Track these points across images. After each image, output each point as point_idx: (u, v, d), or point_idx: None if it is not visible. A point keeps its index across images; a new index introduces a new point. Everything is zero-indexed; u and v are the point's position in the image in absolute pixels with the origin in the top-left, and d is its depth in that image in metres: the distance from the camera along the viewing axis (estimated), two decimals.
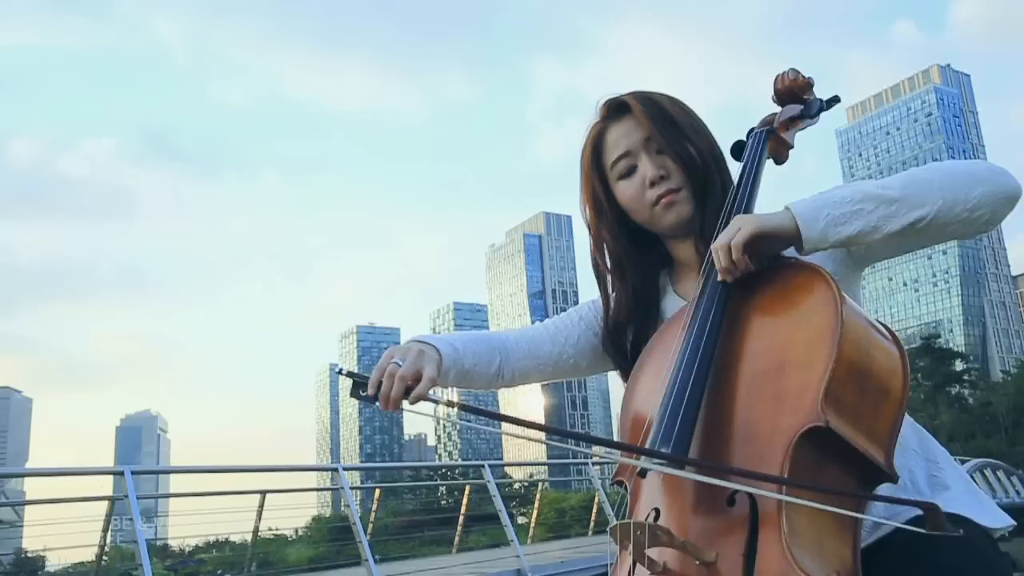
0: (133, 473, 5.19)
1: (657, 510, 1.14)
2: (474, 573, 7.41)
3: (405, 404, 1.20)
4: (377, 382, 1.20)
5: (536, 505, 13.51)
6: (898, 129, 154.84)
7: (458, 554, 9.11)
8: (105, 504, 7.24)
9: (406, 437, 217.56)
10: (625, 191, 1.40)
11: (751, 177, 1.37)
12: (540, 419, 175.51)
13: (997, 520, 1.21)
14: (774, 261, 1.23)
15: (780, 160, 1.48)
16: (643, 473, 1.16)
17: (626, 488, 1.23)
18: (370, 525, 9.17)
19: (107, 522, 7.50)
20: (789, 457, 1.01)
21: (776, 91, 1.50)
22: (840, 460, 1.04)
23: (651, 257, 1.45)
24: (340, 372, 1.26)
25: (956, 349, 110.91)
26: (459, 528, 10.62)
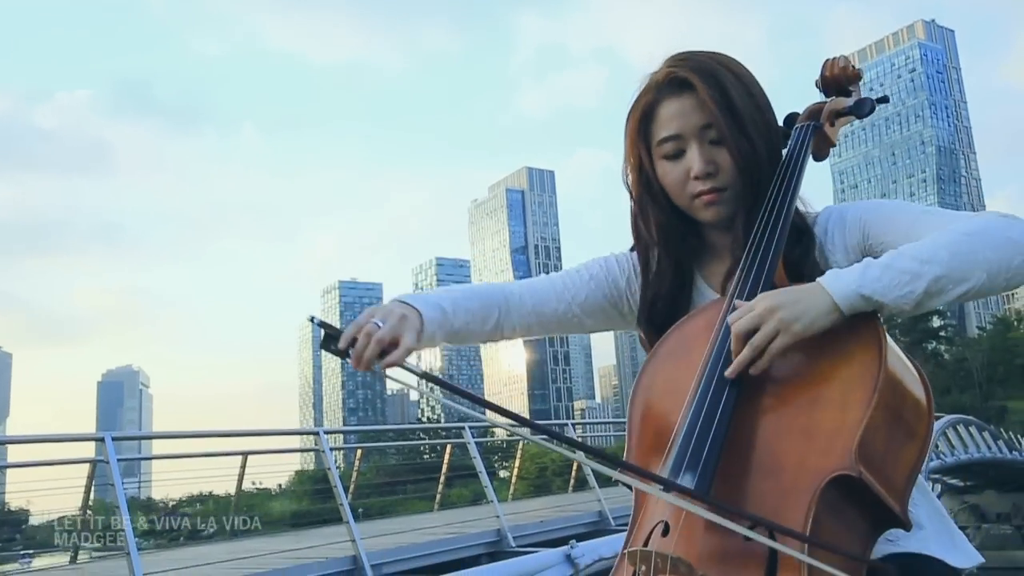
0: (114, 439, 5.19)
1: (666, 524, 1.09)
2: (454, 534, 7.50)
3: (376, 367, 1.14)
4: (351, 338, 1.14)
5: (517, 461, 13.67)
6: (881, 85, 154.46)
7: (439, 512, 9.23)
8: (86, 466, 7.27)
9: (389, 392, 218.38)
10: (668, 174, 1.29)
11: (794, 175, 1.29)
12: (522, 375, 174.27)
13: (967, 560, 1.20)
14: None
15: (820, 157, 1.41)
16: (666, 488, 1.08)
17: (630, 488, 1.17)
18: (352, 484, 9.26)
19: (89, 482, 7.52)
20: (815, 501, 0.99)
21: (823, 78, 1.42)
22: (859, 505, 1.03)
23: (688, 235, 1.36)
24: (313, 320, 1.20)
25: None
26: (440, 486, 10.74)
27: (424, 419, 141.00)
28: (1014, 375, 66.46)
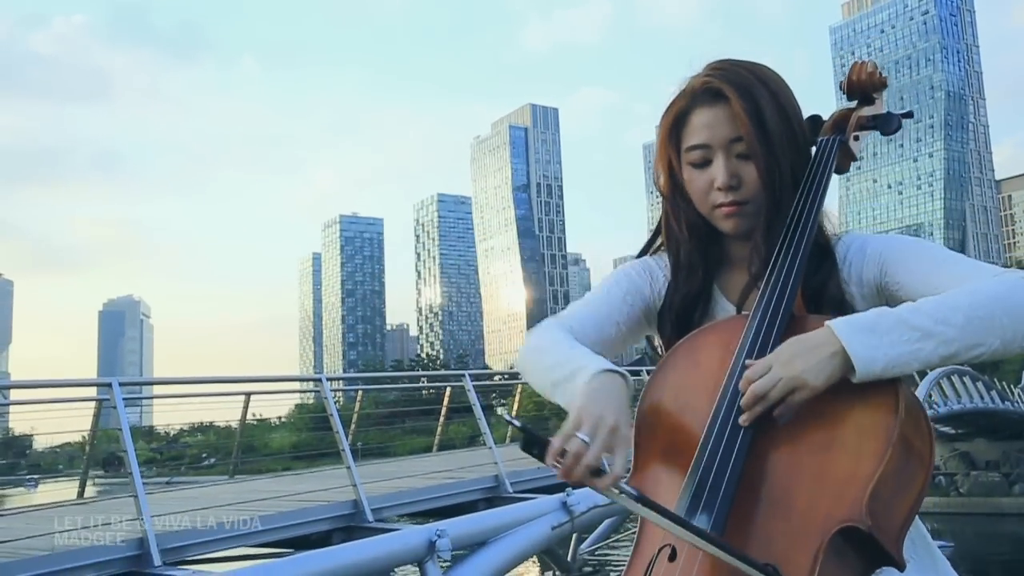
0: (121, 384, 5.27)
1: (673, 548, 1.11)
2: (453, 479, 7.64)
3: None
4: (558, 453, 1.04)
5: (516, 402, 13.84)
6: (893, 27, 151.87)
7: (438, 454, 9.40)
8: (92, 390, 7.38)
9: (388, 327, 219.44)
10: (692, 180, 1.31)
11: (819, 190, 1.29)
12: (521, 314, 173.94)
13: None
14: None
15: (843, 171, 1.39)
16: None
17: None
18: (352, 425, 9.41)
19: (95, 421, 7.66)
20: (824, 547, 1.02)
21: (849, 81, 1.40)
22: (860, 549, 1.05)
23: (711, 240, 1.37)
24: (512, 421, 1.12)
25: None
26: (439, 428, 10.90)
27: (423, 355, 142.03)
28: None
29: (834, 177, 1.42)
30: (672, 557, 1.10)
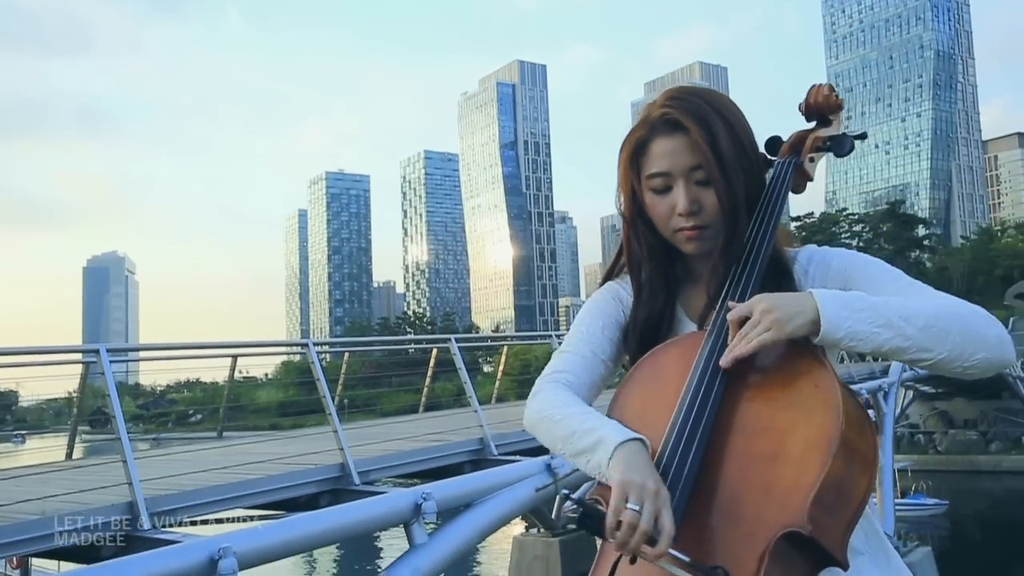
0: (109, 350, 5.29)
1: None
2: (439, 442, 7.73)
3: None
4: (614, 527, 1.12)
5: (502, 364, 13.96)
6: None
7: (424, 416, 9.48)
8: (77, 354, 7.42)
9: (375, 284, 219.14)
10: (655, 207, 1.38)
11: (774, 210, 1.37)
12: (508, 271, 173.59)
13: None
14: None
15: (799, 190, 1.47)
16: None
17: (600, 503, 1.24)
18: (339, 386, 9.50)
19: (83, 383, 7.69)
20: (770, 551, 1.10)
21: (807, 104, 1.47)
22: (804, 552, 1.14)
23: (673, 260, 1.45)
24: (568, 497, 1.23)
25: (921, 213, 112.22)
26: (425, 390, 10.99)
27: (410, 312, 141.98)
28: (993, 285, 67.27)
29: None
30: (633, 560, 1.17)
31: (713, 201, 1.34)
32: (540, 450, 7.95)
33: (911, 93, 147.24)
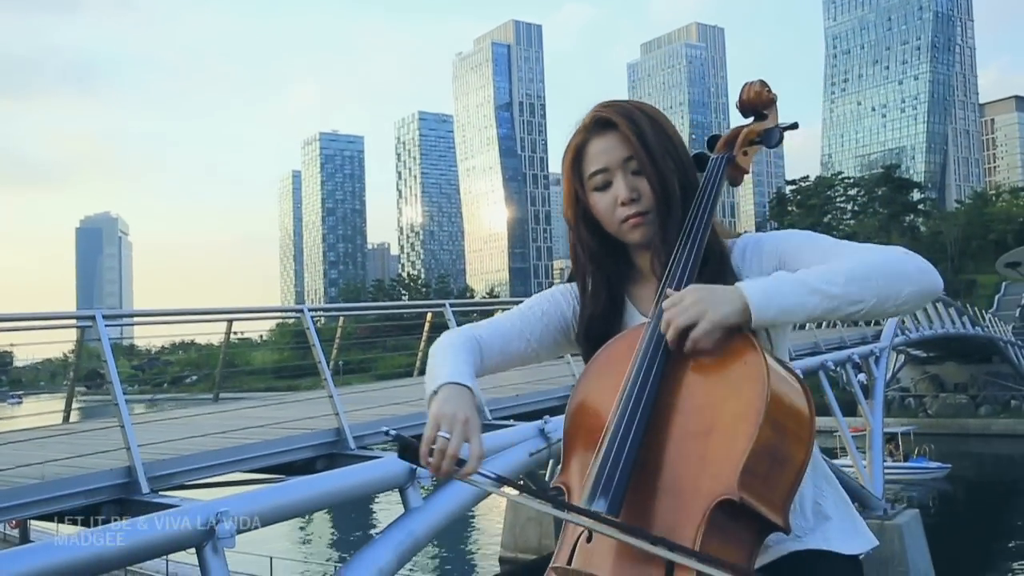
0: (104, 316, 5.32)
1: (590, 532, 1.27)
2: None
3: (455, 478, 1.27)
4: (427, 455, 1.25)
5: None
6: None
7: (419, 379, 9.49)
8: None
9: (369, 246, 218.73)
10: (598, 203, 1.48)
11: (709, 202, 1.46)
12: (503, 234, 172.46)
13: (865, 544, 1.43)
14: None
15: (736, 183, 1.56)
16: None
17: (562, 492, 1.36)
18: (334, 350, 9.55)
19: (78, 348, 7.73)
20: (706, 520, 1.18)
21: (740, 101, 1.56)
22: (744, 519, 1.21)
23: (618, 260, 1.54)
24: (388, 433, 1.33)
25: (916, 177, 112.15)
26: (420, 354, 11.03)
27: (405, 275, 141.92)
28: (986, 250, 67.57)
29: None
30: (588, 539, 1.27)
31: (648, 187, 1.44)
32: (534, 415, 8.04)
33: (909, 55, 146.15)
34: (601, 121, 1.46)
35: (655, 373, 1.31)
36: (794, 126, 1.55)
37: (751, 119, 1.57)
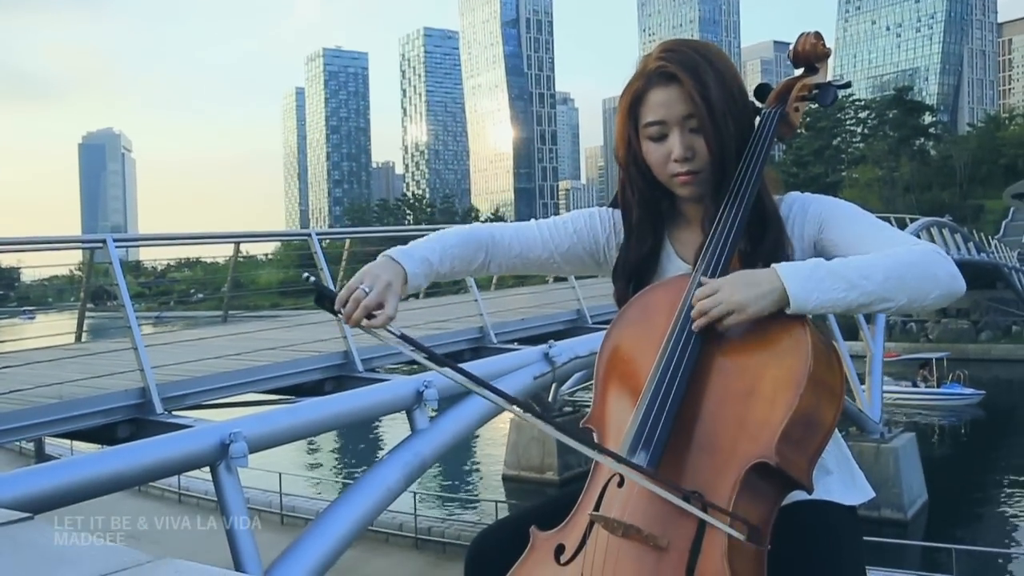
0: (115, 239, 5.36)
1: (622, 477, 1.31)
2: (440, 330, 7.88)
3: (362, 328, 1.35)
4: (343, 301, 1.33)
5: None
6: None
7: (425, 301, 9.58)
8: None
9: (374, 165, 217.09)
10: (651, 153, 1.47)
11: (760, 157, 1.46)
12: (508, 154, 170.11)
13: (862, 495, 1.48)
14: None
15: (784, 138, 1.56)
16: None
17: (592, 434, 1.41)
18: (341, 272, 9.60)
19: (88, 269, 7.81)
20: (741, 479, 1.24)
21: (795, 51, 1.54)
22: (773, 478, 1.27)
23: (664, 203, 1.56)
24: (308, 278, 1.43)
25: (929, 98, 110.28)
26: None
27: (409, 194, 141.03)
28: (996, 175, 66.86)
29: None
30: (620, 483, 1.32)
31: (705, 148, 1.43)
32: (538, 339, 8.16)
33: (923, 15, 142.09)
34: (666, 73, 1.43)
35: (697, 334, 1.34)
36: (847, 85, 1.55)
37: (801, 70, 1.56)
